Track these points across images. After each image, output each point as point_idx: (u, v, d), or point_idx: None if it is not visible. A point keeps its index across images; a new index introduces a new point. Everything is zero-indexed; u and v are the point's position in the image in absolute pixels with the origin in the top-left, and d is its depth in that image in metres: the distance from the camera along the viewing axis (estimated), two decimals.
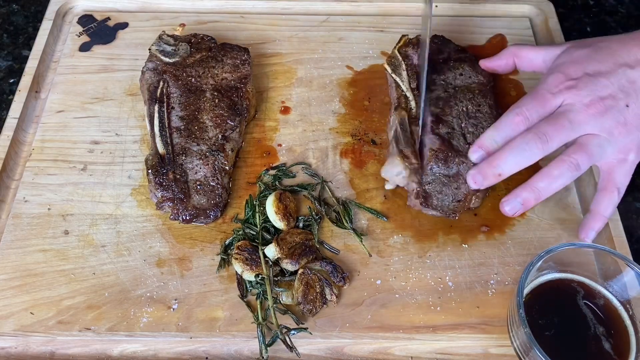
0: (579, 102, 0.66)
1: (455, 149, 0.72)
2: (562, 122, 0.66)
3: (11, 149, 0.77)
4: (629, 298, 0.62)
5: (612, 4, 1.04)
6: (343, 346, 0.65)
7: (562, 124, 0.66)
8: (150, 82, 0.78)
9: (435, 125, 0.74)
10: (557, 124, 0.66)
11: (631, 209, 0.79)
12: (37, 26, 0.91)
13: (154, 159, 0.72)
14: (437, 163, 0.71)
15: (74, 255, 0.69)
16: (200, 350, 0.64)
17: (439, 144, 0.72)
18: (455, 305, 0.67)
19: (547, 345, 0.57)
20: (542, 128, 0.66)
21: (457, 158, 0.72)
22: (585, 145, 0.66)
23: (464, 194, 0.71)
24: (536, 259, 0.61)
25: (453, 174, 0.71)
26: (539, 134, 0.65)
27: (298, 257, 0.66)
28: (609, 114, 0.66)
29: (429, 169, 0.71)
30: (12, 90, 0.88)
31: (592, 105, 0.66)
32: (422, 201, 0.70)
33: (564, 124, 0.66)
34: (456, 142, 0.73)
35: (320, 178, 0.76)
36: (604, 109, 0.66)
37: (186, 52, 0.81)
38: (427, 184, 0.71)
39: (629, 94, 0.67)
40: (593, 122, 0.66)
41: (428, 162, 0.71)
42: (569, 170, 0.65)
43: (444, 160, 0.71)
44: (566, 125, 0.66)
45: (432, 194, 0.71)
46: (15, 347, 0.64)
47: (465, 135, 0.74)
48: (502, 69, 0.80)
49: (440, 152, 0.72)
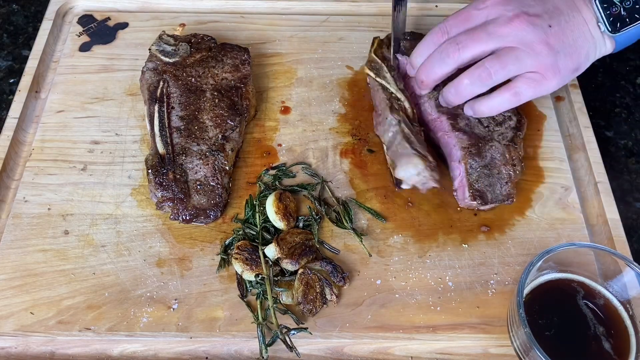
0: (503, 15, 0.68)
1: (480, 137, 0.73)
2: (479, 32, 0.69)
3: (11, 149, 0.77)
4: (629, 298, 0.62)
5: None
6: (343, 346, 0.65)
7: (478, 34, 0.69)
8: (150, 82, 0.78)
9: (454, 122, 0.74)
10: (473, 34, 0.69)
11: (631, 209, 0.79)
12: (37, 26, 0.91)
13: (154, 158, 0.72)
14: (474, 158, 0.72)
15: (74, 255, 0.69)
16: (200, 350, 0.64)
17: (467, 139, 0.73)
18: (455, 305, 0.67)
19: (547, 345, 0.57)
20: (458, 37, 0.70)
21: (486, 144, 0.73)
22: (500, 56, 0.68)
23: (508, 174, 0.71)
24: (536, 259, 0.61)
25: (489, 162, 0.72)
26: (453, 42, 0.69)
27: (298, 257, 0.66)
28: (531, 29, 0.67)
29: (469, 167, 0.71)
30: (12, 90, 0.88)
31: (516, 18, 0.68)
32: (479, 202, 0.70)
33: (481, 35, 0.68)
34: (478, 130, 0.74)
35: (320, 178, 0.76)
36: (527, 23, 0.67)
37: (186, 52, 0.81)
38: (475, 182, 0.71)
39: (552, 17, 0.69)
40: (514, 34, 0.67)
41: (465, 161, 0.72)
42: (480, 78, 0.69)
43: (477, 154, 0.72)
44: (482, 36, 0.68)
45: (484, 190, 0.71)
46: (15, 347, 0.64)
47: (480, 121, 0.75)
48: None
49: (472, 147, 0.72)
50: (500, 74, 0.68)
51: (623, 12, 0.68)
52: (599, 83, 0.93)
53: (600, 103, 0.90)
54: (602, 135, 0.86)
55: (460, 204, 0.73)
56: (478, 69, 0.69)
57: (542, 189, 0.76)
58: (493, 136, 0.74)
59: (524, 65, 0.68)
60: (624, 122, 0.88)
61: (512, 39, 0.68)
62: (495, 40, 0.68)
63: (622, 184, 0.81)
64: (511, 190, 0.71)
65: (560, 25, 0.69)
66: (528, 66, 0.68)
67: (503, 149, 0.73)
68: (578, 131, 0.81)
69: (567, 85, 0.85)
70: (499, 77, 0.69)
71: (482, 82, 0.69)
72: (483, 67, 0.69)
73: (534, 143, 0.80)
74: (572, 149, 0.80)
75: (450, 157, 0.75)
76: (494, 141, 0.73)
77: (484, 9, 0.70)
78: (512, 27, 0.67)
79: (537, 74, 0.69)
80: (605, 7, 0.69)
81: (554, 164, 0.78)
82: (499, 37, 0.68)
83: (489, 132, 0.74)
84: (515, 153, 0.73)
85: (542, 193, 0.75)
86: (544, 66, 0.68)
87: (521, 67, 0.68)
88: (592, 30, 0.70)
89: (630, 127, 0.88)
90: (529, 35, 0.67)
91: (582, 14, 0.70)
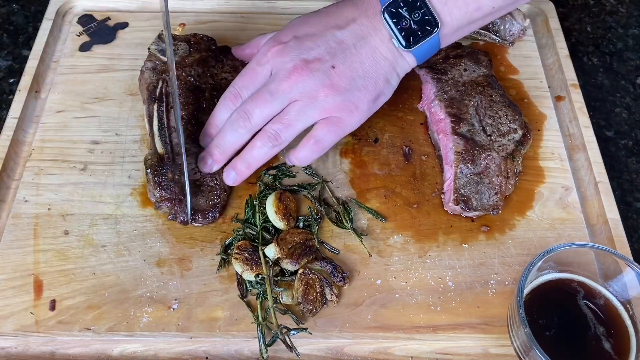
0: (283, 68, 0.67)
1: (479, 144, 0.73)
2: (263, 94, 0.67)
3: (11, 149, 0.77)
4: (629, 298, 0.62)
5: (612, 3, 1.04)
6: (343, 346, 0.65)
7: (262, 97, 0.67)
8: (149, 81, 0.78)
9: (456, 126, 0.74)
10: (258, 98, 0.67)
11: (631, 209, 0.79)
12: (37, 26, 0.91)
13: (153, 158, 0.72)
14: (466, 164, 0.72)
15: (74, 255, 0.69)
16: (200, 350, 0.64)
17: (463, 145, 0.73)
18: (455, 305, 0.66)
19: (547, 345, 0.57)
20: (244, 106, 0.68)
21: (483, 153, 0.72)
22: (283, 114, 0.67)
23: (499, 185, 0.71)
24: (536, 259, 0.61)
25: (482, 170, 0.72)
26: (241, 112, 0.67)
27: (298, 257, 0.66)
28: (311, 78, 0.66)
29: (459, 172, 0.71)
30: (12, 90, 0.88)
31: (295, 71, 0.66)
32: (462, 207, 0.70)
33: (265, 97, 0.67)
34: (478, 138, 0.74)
35: (320, 178, 0.75)
36: (307, 73, 0.66)
37: (185, 51, 0.81)
38: (461, 187, 0.71)
39: (335, 55, 0.67)
40: (295, 88, 0.66)
41: (456, 165, 0.71)
42: (269, 140, 0.67)
43: (471, 160, 0.72)
44: (267, 97, 0.67)
45: (470, 195, 0.71)
46: (15, 347, 0.64)
47: (485, 129, 0.74)
48: (249, 58, 0.78)
49: (465, 153, 0.72)
50: (289, 131, 0.67)
51: (414, 25, 0.66)
52: (599, 83, 0.93)
53: (600, 103, 0.90)
54: (602, 135, 0.86)
55: (445, 207, 0.73)
56: (266, 134, 0.67)
57: (542, 189, 0.76)
58: (493, 146, 0.73)
59: (309, 117, 0.67)
60: (624, 122, 0.88)
61: (295, 93, 0.66)
62: (279, 99, 0.66)
63: (622, 184, 0.81)
64: (498, 202, 0.71)
65: (346, 62, 0.67)
66: (315, 116, 0.67)
67: (500, 160, 0.72)
68: (578, 131, 0.81)
69: (567, 85, 0.85)
70: (287, 136, 0.67)
71: (273, 144, 0.67)
72: (270, 131, 0.67)
73: (534, 143, 0.80)
74: (572, 149, 0.80)
75: (444, 159, 0.75)
76: (493, 151, 0.73)
77: (266, 64, 0.68)
78: (291, 81, 0.66)
79: (333, 117, 0.67)
80: (395, 22, 0.66)
81: (554, 164, 0.78)
82: (282, 95, 0.66)
83: (491, 141, 0.74)
84: (511, 166, 0.73)
85: (542, 193, 0.75)
86: (335, 109, 0.67)
87: (307, 119, 0.67)
88: (386, 52, 0.68)
89: (630, 127, 0.88)
90: (310, 85, 0.66)
91: (372, 39, 0.68)
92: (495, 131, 0.75)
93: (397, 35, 0.67)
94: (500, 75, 0.87)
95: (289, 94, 0.66)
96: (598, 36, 0.99)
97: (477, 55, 0.83)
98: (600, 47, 0.98)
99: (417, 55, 0.69)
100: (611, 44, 0.98)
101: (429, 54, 0.70)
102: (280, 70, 0.67)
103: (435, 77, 0.80)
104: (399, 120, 0.82)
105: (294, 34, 0.69)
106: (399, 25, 0.66)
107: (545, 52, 0.90)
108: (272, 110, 0.67)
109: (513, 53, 0.90)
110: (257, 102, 0.67)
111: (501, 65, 0.88)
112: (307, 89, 0.66)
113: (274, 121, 0.67)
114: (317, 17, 0.70)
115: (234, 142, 0.69)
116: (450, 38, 0.70)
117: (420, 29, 0.66)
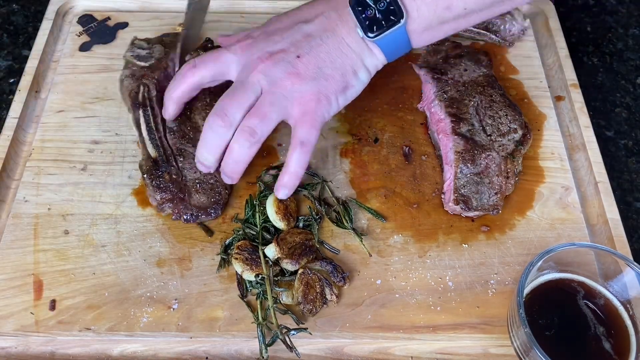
0: (250, 60, 0.67)
1: (479, 144, 0.73)
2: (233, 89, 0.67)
3: (11, 149, 0.77)
4: (629, 298, 0.62)
5: (612, 4, 1.04)
6: (343, 346, 0.65)
7: (233, 90, 0.67)
8: (130, 88, 0.78)
9: (456, 125, 0.74)
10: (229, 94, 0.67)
11: (631, 209, 0.79)
12: (37, 26, 0.91)
13: (147, 163, 0.72)
14: (466, 164, 0.72)
15: (74, 255, 0.69)
16: (200, 350, 0.64)
17: (463, 145, 0.73)
18: (455, 305, 0.66)
19: (547, 345, 0.57)
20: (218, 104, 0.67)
21: (483, 153, 0.72)
22: (257, 108, 0.66)
23: (499, 185, 0.71)
24: (536, 259, 0.61)
25: (482, 170, 0.71)
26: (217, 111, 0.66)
27: (298, 257, 0.66)
28: (276, 66, 0.66)
29: (459, 172, 0.71)
30: (12, 90, 0.88)
31: (260, 61, 0.66)
32: (462, 207, 0.70)
33: (235, 90, 0.67)
34: (478, 138, 0.74)
35: (320, 178, 0.75)
36: (271, 62, 0.66)
37: (161, 53, 0.80)
38: (461, 187, 0.71)
39: (300, 46, 0.67)
40: (262, 77, 0.66)
41: (456, 165, 0.72)
42: (246, 139, 0.66)
43: (471, 160, 0.72)
44: (238, 89, 0.66)
45: (470, 195, 0.71)
46: (15, 347, 0.64)
47: (485, 129, 0.74)
48: None
49: (466, 153, 0.72)
50: (265, 125, 0.66)
51: (378, 15, 0.65)
52: (599, 83, 0.93)
53: (600, 103, 0.90)
54: (602, 135, 0.86)
55: (445, 207, 0.73)
56: (242, 132, 0.66)
57: (542, 189, 0.76)
58: (493, 146, 0.73)
59: (282, 107, 0.66)
60: (624, 122, 0.88)
61: (263, 82, 0.66)
62: (250, 89, 0.66)
63: (622, 184, 0.81)
64: (498, 202, 0.71)
65: (312, 52, 0.66)
66: (287, 106, 0.66)
67: (500, 160, 0.72)
68: (578, 131, 0.81)
69: (567, 85, 0.85)
70: (264, 130, 0.66)
71: (251, 143, 0.66)
72: (245, 128, 0.66)
73: (534, 143, 0.80)
74: (572, 149, 0.80)
75: (444, 159, 0.75)
76: (493, 151, 0.73)
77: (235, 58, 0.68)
78: (257, 70, 0.66)
79: (305, 114, 0.66)
80: (360, 10, 0.66)
81: (554, 164, 0.78)
82: (252, 86, 0.66)
83: (491, 141, 0.74)
84: (511, 166, 0.73)
85: (542, 193, 0.75)
86: (305, 98, 0.66)
87: (281, 110, 0.66)
88: (352, 43, 0.67)
89: (630, 127, 0.88)
90: (276, 73, 0.65)
91: (339, 30, 0.67)
92: (496, 131, 0.75)
93: (360, 24, 0.66)
94: (500, 75, 0.87)
95: (257, 84, 0.66)
96: (598, 36, 0.99)
97: (477, 55, 0.83)
98: (600, 47, 0.98)
99: (383, 47, 0.68)
100: (611, 44, 0.98)
101: (398, 50, 0.69)
102: (247, 62, 0.68)
103: (435, 77, 0.80)
104: (399, 120, 0.82)
105: (264, 30, 0.70)
106: (364, 14, 0.66)
107: (545, 52, 0.90)
108: (245, 102, 0.66)
109: (513, 53, 0.90)
110: (229, 96, 0.67)
111: (501, 65, 0.88)
112: (274, 78, 0.66)
113: (249, 115, 0.66)
114: (288, 14, 0.71)
115: (218, 143, 0.68)
116: (421, 37, 0.68)
117: (385, 19, 0.65)
